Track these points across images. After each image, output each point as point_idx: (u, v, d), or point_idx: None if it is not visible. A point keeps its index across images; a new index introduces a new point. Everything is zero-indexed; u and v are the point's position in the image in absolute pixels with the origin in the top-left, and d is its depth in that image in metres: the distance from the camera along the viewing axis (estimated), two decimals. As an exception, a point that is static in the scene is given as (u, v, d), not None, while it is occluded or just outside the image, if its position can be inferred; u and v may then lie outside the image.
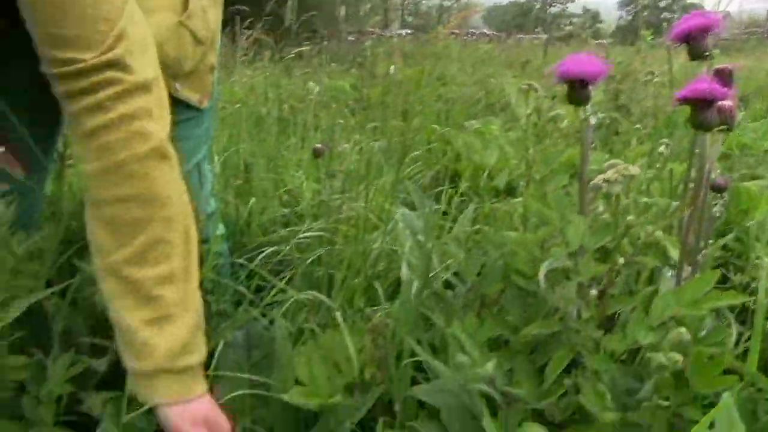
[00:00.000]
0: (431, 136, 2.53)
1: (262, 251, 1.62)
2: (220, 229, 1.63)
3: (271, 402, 1.31)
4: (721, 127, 1.05)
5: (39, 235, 1.24)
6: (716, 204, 1.25)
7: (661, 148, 1.68)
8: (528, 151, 1.36)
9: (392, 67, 2.72)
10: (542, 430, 0.94)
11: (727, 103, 1.03)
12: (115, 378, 1.15)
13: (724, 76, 1.08)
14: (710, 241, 1.24)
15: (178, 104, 1.34)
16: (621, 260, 1.01)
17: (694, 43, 1.12)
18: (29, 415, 1.24)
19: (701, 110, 1.03)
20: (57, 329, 1.30)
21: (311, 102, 2.52)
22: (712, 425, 0.81)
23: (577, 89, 1.11)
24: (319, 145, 1.99)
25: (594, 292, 1.00)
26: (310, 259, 1.55)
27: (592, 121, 1.14)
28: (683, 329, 0.94)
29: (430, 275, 1.37)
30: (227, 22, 1.35)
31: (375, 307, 1.42)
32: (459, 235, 1.49)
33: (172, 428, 1.01)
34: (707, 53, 1.11)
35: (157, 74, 1.06)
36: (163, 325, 1.01)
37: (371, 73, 3.12)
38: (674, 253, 1.11)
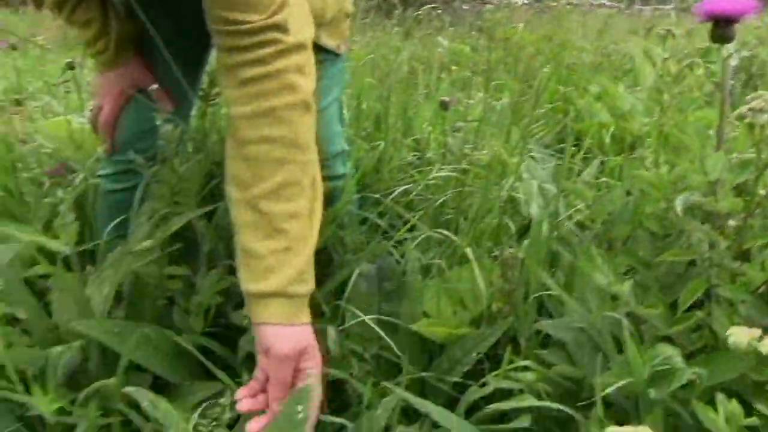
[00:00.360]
0: (554, 96, 2.53)
1: (393, 191, 1.67)
2: (349, 169, 1.69)
3: (400, 332, 1.36)
4: None
5: (194, 159, 1.32)
6: None
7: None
8: (662, 98, 1.35)
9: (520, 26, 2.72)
10: (675, 350, 0.95)
11: None
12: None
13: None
14: None
15: (318, 50, 1.40)
16: (762, 192, 1.00)
17: None
18: (179, 325, 1.34)
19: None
20: (204, 250, 1.39)
21: (435, 62, 2.56)
22: None
23: (721, 27, 1.10)
24: (446, 98, 2.04)
25: (732, 223, 1.00)
26: (440, 200, 1.59)
27: (734, 61, 1.13)
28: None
29: (559, 219, 1.40)
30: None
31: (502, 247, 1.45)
32: (586, 179, 1.51)
33: (272, 348, 1.09)
34: None
35: (311, 35, 1.18)
36: (285, 254, 1.11)
37: (491, 36, 3.12)
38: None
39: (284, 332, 1.11)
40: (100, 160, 1.57)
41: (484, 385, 1.20)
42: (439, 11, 4.75)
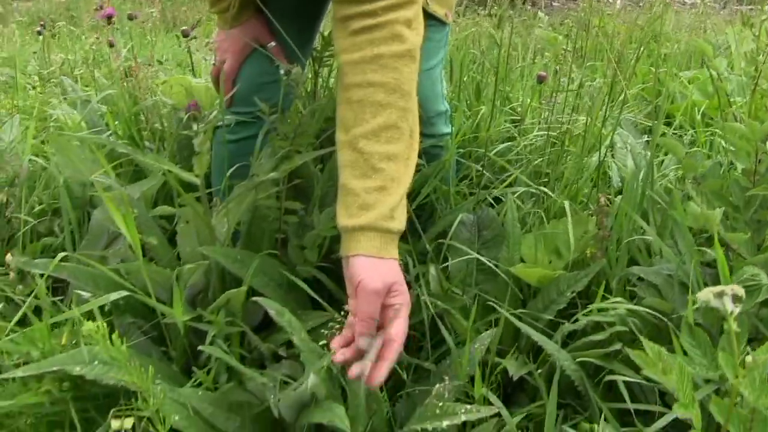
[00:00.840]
0: (646, 77, 2.56)
1: (494, 149, 1.74)
2: (450, 129, 1.77)
3: (498, 276, 1.44)
4: None
5: (314, 104, 1.43)
6: None
7: None
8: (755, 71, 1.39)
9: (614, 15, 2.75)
10: (761, 270, 0.99)
11: None
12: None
13: None
14: None
15: (426, 15, 1.49)
16: None
17: None
18: (293, 259, 1.44)
19: None
20: (317, 193, 1.49)
21: (529, 46, 2.61)
22: None
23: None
24: (542, 72, 2.10)
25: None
26: (537, 160, 1.66)
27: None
28: None
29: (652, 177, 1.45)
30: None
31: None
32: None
33: (362, 281, 1.14)
34: None
35: None
36: (379, 193, 1.18)
37: (585, 25, 3.15)
38: None
39: (374, 265, 1.17)
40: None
41: (576, 321, 1.26)
42: (529, 7, 4.78)
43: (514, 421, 1.10)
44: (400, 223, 1.20)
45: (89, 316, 1.31)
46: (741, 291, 0.72)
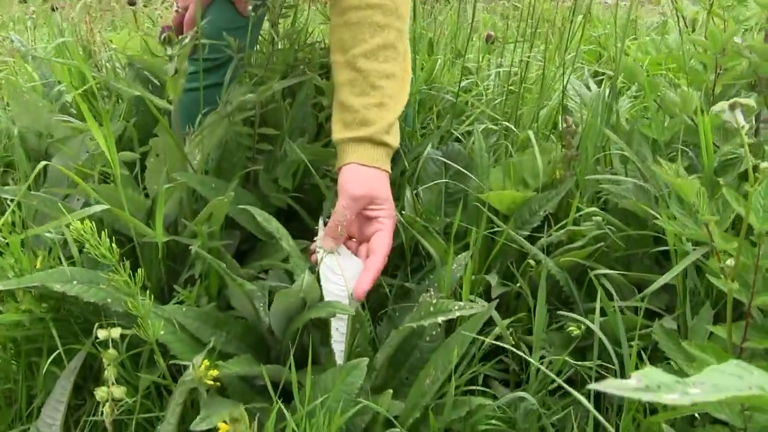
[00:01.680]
0: (586, 43, 2.61)
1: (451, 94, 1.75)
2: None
3: (468, 206, 1.44)
4: None
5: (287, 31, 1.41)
6: None
7: None
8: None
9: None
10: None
11: None
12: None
13: None
14: None
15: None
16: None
17: None
18: (266, 190, 1.41)
19: None
20: (286, 127, 1.46)
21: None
22: None
23: None
24: (490, 32, 2.13)
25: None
26: (498, 100, 1.67)
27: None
28: None
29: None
30: None
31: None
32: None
33: (345, 186, 1.16)
34: None
35: None
36: (378, 109, 1.20)
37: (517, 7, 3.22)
38: None
39: (363, 173, 1.18)
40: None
41: (550, 236, 1.27)
42: None
43: (505, 323, 1.10)
44: (395, 140, 1.21)
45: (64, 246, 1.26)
46: (752, 102, 0.73)
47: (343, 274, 1.13)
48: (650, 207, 1.16)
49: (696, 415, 0.91)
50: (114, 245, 0.95)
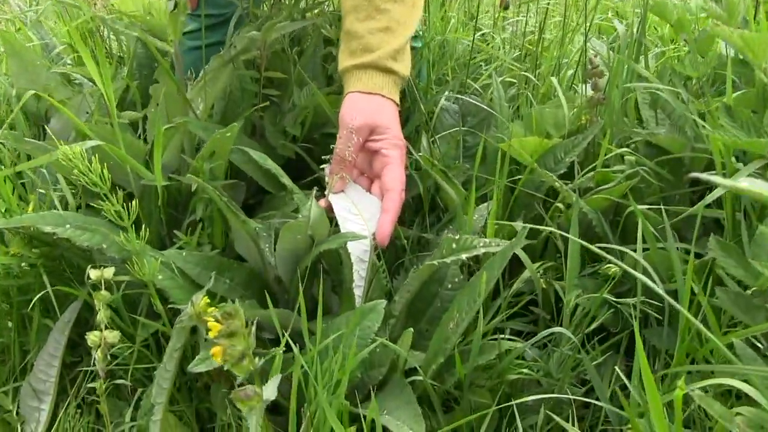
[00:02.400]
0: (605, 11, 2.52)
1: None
2: (419, 43, 1.67)
3: (487, 158, 1.33)
4: None
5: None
6: None
7: None
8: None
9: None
10: None
11: None
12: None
13: None
14: None
15: None
16: None
17: None
18: (272, 141, 1.31)
19: None
20: (294, 76, 1.36)
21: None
22: None
23: None
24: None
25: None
26: (515, 53, 1.56)
27: None
28: None
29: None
30: None
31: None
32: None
33: (344, 116, 1.06)
34: None
35: None
36: (384, 33, 1.09)
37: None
38: None
39: (364, 100, 1.07)
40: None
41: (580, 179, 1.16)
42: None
43: (535, 266, 0.99)
44: (404, 67, 1.10)
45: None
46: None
47: (361, 215, 1.03)
48: (688, 143, 1.05)
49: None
50: (106, 172, 0.84)
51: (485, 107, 1.38)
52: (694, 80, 1.17)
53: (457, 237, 0.94)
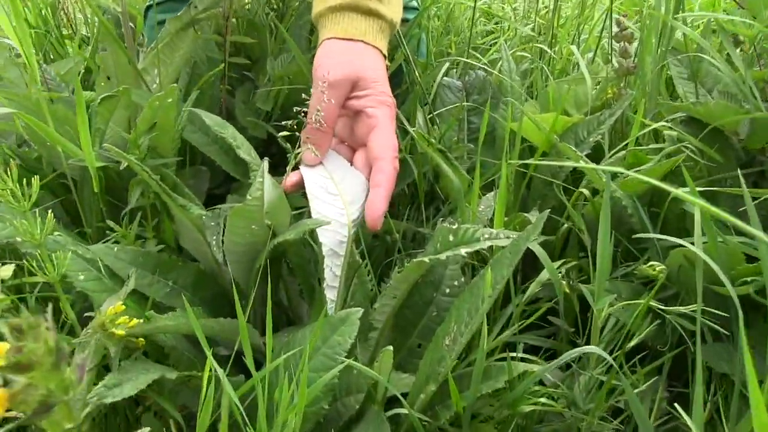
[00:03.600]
0: None
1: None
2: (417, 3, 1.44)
3: (495, 140, 1.11)
4: None
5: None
6: None
7: None
8: None
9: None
10: None
11: None
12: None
13: None
14: None
15: None
16: None
17: None
18: (241, 121, 1.09)
19: None
20: (271, 47, 1.14)
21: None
22: None
23: None
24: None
25: None
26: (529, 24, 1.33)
27: None
28: None
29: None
30: None
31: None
32: None
33: (317, 69, 0.83)
34: None
35: None
36: None
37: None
38: None
39: (342, 50, 0.84)
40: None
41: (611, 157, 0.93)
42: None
43: (555, 264, 0.76)
44: (392, 11, 0.86)
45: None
46: None
47: (341, 196, 0.79)
48: (745, 115, 0.82)
49: None
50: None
51: (493, 85, 1.15)
52: (747, 43, 0.93)
53: (454, 227, 0.70)
